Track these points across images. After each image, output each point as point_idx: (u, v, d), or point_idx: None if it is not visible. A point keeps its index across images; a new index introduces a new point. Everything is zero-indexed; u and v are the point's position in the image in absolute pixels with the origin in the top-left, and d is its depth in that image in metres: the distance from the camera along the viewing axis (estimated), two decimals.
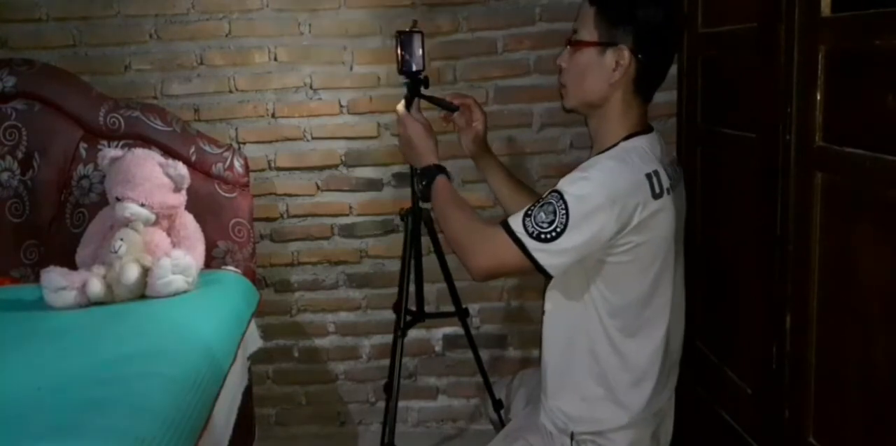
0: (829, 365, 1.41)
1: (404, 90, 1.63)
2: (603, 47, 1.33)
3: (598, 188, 1.25)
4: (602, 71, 1.34)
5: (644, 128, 1.39)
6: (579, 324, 1.38)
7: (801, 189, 1.44)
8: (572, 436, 1.40)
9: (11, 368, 1.42)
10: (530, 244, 1.27)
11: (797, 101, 1.44)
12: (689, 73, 2.00)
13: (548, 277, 1.33)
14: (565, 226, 1.25)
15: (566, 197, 1.26)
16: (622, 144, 1.35)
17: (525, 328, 2.35)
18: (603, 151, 1.37)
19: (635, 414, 1.38)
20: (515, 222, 1.30)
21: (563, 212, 1.25)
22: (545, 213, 1.27)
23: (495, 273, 1.36)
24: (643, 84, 1.36)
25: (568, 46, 1.40)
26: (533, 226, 1.27)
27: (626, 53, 1.32)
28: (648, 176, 1.29)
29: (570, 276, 1.37)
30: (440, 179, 1.47)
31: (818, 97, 1.39)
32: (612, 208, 1.25)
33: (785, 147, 1.48)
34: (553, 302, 1.43)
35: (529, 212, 1.29)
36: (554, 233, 1.25)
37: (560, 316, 1.42)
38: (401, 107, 1.59)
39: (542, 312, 1.47)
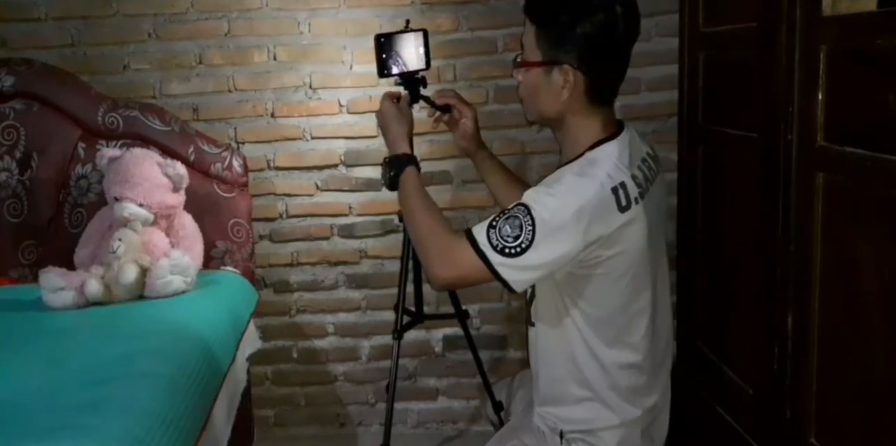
0: (831, 366, 1.41)
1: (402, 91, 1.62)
2: (548, 67, 1.31)
3: (563, 205, 1.23)
4: (551, 90, 1.32)
5: (612, 132, 1.34)
6: (560, 335, 1.37)
7: (803, 189, 1.44)
8: (562, 435, 1.40)
9: (10, 368, 1.41)
10: (494, 258, 1.24)
11: (798, 100, 1.44)
12: (690, 72, 2.00)
13: (511, 292, 1.30)
14: (531, 242, 1.22)
15: (533, 213, 1.23)
16: (587, 155, 1.31)
17: (525, 329, 2.35)
18: (568, 162, 1.34)
19: (625, 415, 1.37)
20: (480, 233, 1.26)
21: (530, 228, 1.23)
22: (511, 227, 1.24)
23: (456, 284, 1.34)
24: (597, 94, 1.32)
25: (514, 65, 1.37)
26: (497, 240, 1.24)
27: (571, 73, 1.29)
28: (614, 189, 1.26)
29: (545, 290, 1.36)
30: (409, 171, 1.44)
31: (819, 97, 1.38)
32: (577, 226, 1.22)
33: (786, 147, 1.48)
34: (535, 315, 1.42)
35: (494, 224, 1.26)
36: (519, 249, 1.23)
37: (542, 328, 1.42)
38: (390, 92, 1.58)
39: (527, 324, 1.46)
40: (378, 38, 1.58)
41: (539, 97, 1.35)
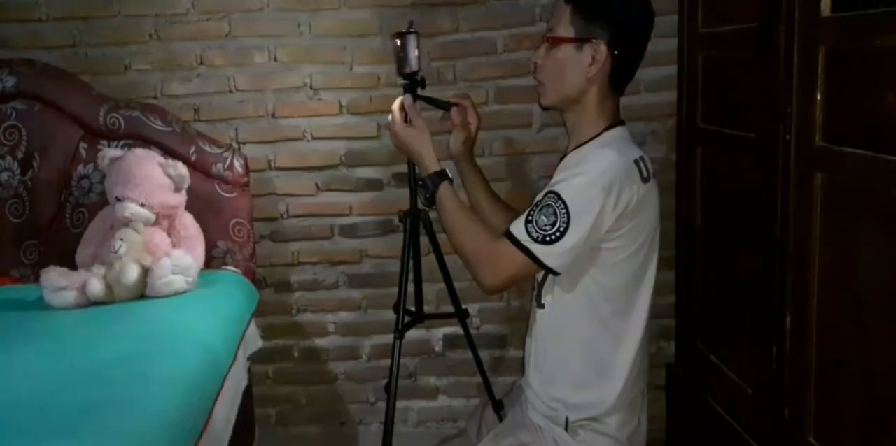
0: (830, 366, 1.41)
1: (402, 92, 1.63)
2: (580, 43, 1.36)
3: (592, 180, 1.29)
4: (579, 66, 1.37)
5: (619, 121, 1.43)
6: (574, 313, 1.41)
7: (801, 189, 1.45)
8: (567, 424, 1.42)
9: (11, 368, 1.42)
10: (537, 249, 1.31)
11: (797, 100, 1.45)
12: (690, 73, 2.00)
13: (555, 275, 1.36)
14: (567, 224, 1.28)
15: (563, 195, 1.29)
16: (605, 134, 1.40)
17: (525, 328, 2.35)
18: (583, 143, 1.40)
19: (627, 396, 1.42)
20: (518, 230, 1.33)
21: (563, 211, 1.29)
22: (546, 216, 1.30)
23: (508, 285, 1.41)
24: (618, 78, 1.40)
25: (545, 43, 1.42)
26: (537, 231, 1.31)
27: (603, 48, 1.35)
28: (636, 161, 1.34)
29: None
30: (444, 188, 1.47)
31: (818, 97, 1.39)
32: (608, 197, 1.29)
33: (785, 147, 1.48)
34: (547, 294, 1.45)
35: (530, 219, 1.32)
36: (558, 234, 1.29)
37: (557, 307, 1.44)
38: (396, 106, 1.57)
39: (537, 306, 1.48)
40: (396, 35, 1.61)
41: (566, 73, 1.39)
